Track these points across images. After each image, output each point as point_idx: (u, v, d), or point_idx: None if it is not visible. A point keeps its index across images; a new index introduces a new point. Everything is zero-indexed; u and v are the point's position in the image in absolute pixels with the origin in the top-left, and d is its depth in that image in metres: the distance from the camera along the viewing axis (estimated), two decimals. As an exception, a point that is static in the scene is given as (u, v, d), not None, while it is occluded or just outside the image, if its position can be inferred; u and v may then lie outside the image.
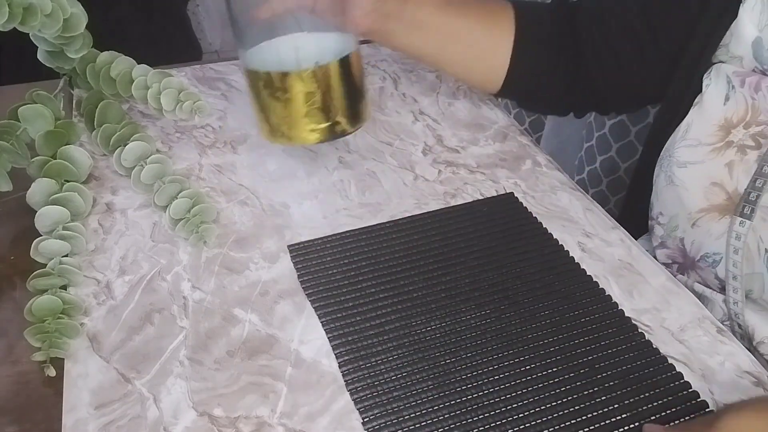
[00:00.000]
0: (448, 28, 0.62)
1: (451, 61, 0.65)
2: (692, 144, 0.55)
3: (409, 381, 0.44)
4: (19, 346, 0.47)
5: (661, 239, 0.60)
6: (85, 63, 0.63)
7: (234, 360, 0.46)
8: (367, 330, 0.48)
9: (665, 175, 0.57)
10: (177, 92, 0.61)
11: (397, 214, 0.59)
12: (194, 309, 0.50)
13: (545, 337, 0.47)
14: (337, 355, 0.46)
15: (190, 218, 0.55)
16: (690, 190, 0.55)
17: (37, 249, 0.51)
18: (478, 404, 0.43)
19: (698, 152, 0.55)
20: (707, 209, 0.54)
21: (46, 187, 0.55)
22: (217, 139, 0.68)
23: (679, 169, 0.56)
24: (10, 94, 0.63)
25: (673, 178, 0.56)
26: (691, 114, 0.56)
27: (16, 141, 0.57)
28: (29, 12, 0.54)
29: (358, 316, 0.49)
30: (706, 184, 0.54)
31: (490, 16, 0.64)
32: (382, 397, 0.43)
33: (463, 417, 0.42)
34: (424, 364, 0.45)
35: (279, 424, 0.42)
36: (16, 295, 0.51)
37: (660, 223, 0.60)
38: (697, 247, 0.56)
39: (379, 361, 0.45)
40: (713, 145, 0.54)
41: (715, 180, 0.54)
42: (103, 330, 0.48)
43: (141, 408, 0.43)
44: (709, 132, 0.54)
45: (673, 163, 0.57)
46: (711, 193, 0.54)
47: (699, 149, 0.55)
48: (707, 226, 0.55)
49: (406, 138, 0.69)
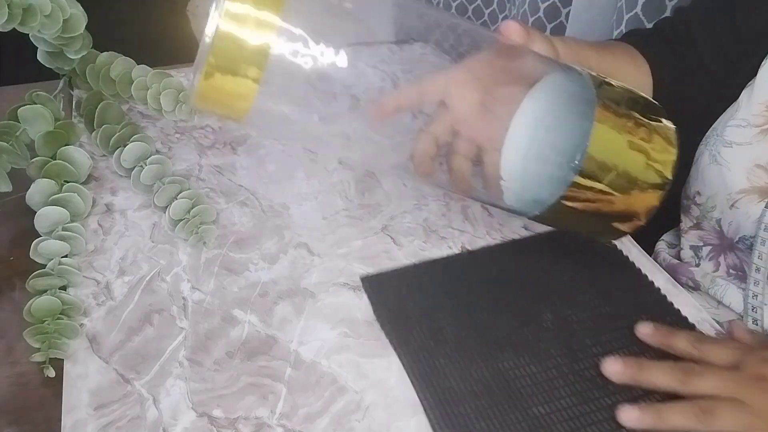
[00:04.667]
0: (604, 66, 0.60)
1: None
2: (741, 124, 0.55)
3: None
4: (19, 347, 0.46)
5: (696, 220, 0.60)
6: (85, 63, 0.62)
7: (233, 361, 0.46)
8: (453, 373, 0.45)
9: (710, 153, 0.57)
10: (177, 93, 0.61)
11: (397, 215, 0.59)
12: (194, 310, 0.50)
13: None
14: (421, 399, 0.44)
15: (189, 219, 0.55)
16: (733, 171, 0.55)
17: (37, 249, 0.51)
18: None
19: (746, 133, 0.55)
20: (747, 190, 0.54)
21: (45, 188, 0.55)
22: (217, 139, 0.68)
23: (725, 149, 0.56)
24: (10, 94, 0.63)
25: (717, 158, 0.56)
26: (743, 94, 0.56)
27: (15, 142, 0.57)
28: (29, 12, 0.54)
29: (441, 357, 0.46)
30: (749, 165, 0.54)
31: (626, 52, 0.63)
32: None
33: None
34: (517, 415, 0.42)
35: (278, 425, 0.42)
36: (15, 295, 0.51)
37: (697, 203, 0.59)
38: (735, 229, 0.56)
39: (468, 409, 0.43)
40: (761, 127, 0.54)
41: (759, 162, 0.54)
42: (102, 331, 0.48)
43: (140, 409, 0.43)
44: (757, 112, 0.54)
45: (720, 142, 0.56)
46: (754, 175, 0.54)
47: (747, 130, 0.55)
48: (746, 208, 0.54)
49: (406, 139, 0.69)
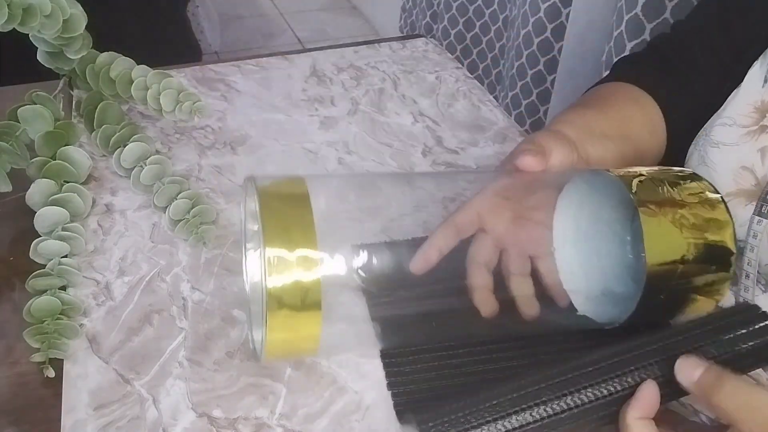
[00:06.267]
0: (615, 126, 0.59)
1: (632, 158, 0.60)
2: (727, 123, 0.55)
3: None
4: (18, 347, 0.46)
5: None
6: (85, 64, 0.62)
7: (233, 361, 0.46)
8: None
9: (698, 154, 0.56)
10: (176, 93, 0.61)
11: (396, 217, 0.59)
12: (193, 310, 0.50)
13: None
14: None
15: (189, 219, 0.55)
16: (720, 172, 0.54)
17: (36, 250, 0.51)
18: None
19: (733, 133, 0.54)
20: (735, 193, 0.54)
21: (45, 188, 0.55)
22: (217, 140, 0.68)
23: (712, 149, 0.55)
24: (10, 94, 0.63)
25: (706, 159, 0.55)
26: (731, 93, 0.55)
27: (15, 142, 0.57)
28: (29, 13, 0.54)
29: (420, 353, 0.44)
30: (736, 167, 0.53)
31: (629, 99, 0.62)
32: None
33: None
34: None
35: (278, 426, 0.42)
36: (15, 295, 0.51)
37: None
38: None
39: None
40: (748, 128, 0.53)
41: (745, 164, 0.53)
42: (102, 331, 0.48)
43: (140, 409, 0.43)
44: (744, 112, 0.54)
45: (708, 143, 0.55)
46: (740, 177, 0.53)
47: (734, 130, 0.54)
48: (734, 212, 0.54)
49: (406, 139, 0.69)
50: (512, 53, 1.27)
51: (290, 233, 0.38)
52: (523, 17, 1.21)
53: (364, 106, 0.74)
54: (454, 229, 0.47)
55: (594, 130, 0.55)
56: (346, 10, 2.70)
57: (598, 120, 0.57)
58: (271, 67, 0.80)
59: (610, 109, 0.60)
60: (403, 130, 0.71)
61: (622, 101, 0.62)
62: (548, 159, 0.48)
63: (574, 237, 0.46)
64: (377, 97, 0.76)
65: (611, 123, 0.57)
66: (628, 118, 0.60)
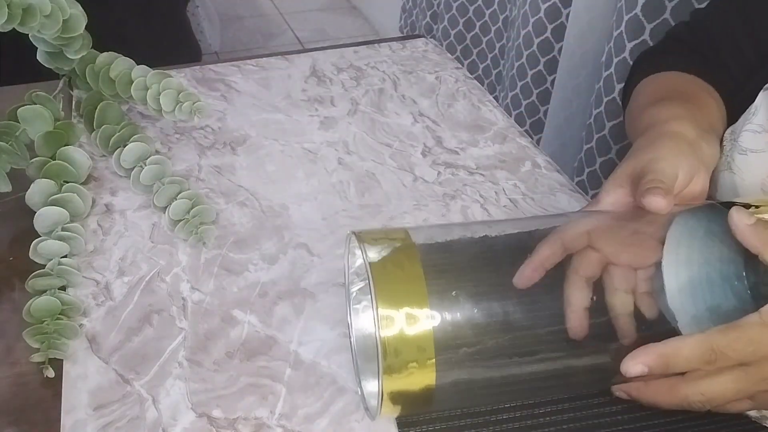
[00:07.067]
0: (711, 121, 0.58)
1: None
2: (756, 130, 0.53)
3: None
4: (18, 347, 0.46)
5: None
6: (85, 64, 0.63)
7: (233, 361, 0.46)
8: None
9: (724, 158, 0.55)
10: (176, 93, 0.61)
11: (397, 215, 0.59)
12: (193, 310, 0.50)
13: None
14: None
15: (189, 219, 0.55)
16: (746, 180, 0.53)
17: (36, 250, 0.51)
18: None
19: (762, 140, 0.52)
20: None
21: (45, 188, 0.55)
22: (217, 140, 0.68)
23: (739, 156, 0.53)
24: (10, 94, 0.63)
25: (732, 165, 0.54)
26: (759, 97, 0.53)
27: (15, 142, 0.57)
28: (28, 13, 0.54)
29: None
30: (764, 175, 0.52)
31: (702, 91, 0.61)
32: None
33: None
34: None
35: (278, 426, 0.42)
36: (14, 295, 0.51)
37: None
38: None
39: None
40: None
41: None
42: (102, 331, 0.48)
43: (140, 409, 0.43)
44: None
45: (735, 149, 0.54)
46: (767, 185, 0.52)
47: (762, 137, 0.52)
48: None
49: (406, 139, 0.69)
50: (512, 53, 1.27)
51: (401, 292, 0.38)
52: (523, 18, 1.21)
53: (363, 106, 0.74)
54: (560, 244, 0.43)
55: (702, 125, 0.53)
56: (345, 10, 2.71)
57: (702, 114, 0.55)
58: (271, 67, 0.80)
59: (698, 101, 0.58)
60: (403, 130, 0.71)
61: (699, 93, 0.60)
62: (677, 199, 0.44)
63: (687, 254, 0.42)
64: (377, 98, 0.76)
65: (707, 117, 0.56)
66: (713, 110, 0.59)
